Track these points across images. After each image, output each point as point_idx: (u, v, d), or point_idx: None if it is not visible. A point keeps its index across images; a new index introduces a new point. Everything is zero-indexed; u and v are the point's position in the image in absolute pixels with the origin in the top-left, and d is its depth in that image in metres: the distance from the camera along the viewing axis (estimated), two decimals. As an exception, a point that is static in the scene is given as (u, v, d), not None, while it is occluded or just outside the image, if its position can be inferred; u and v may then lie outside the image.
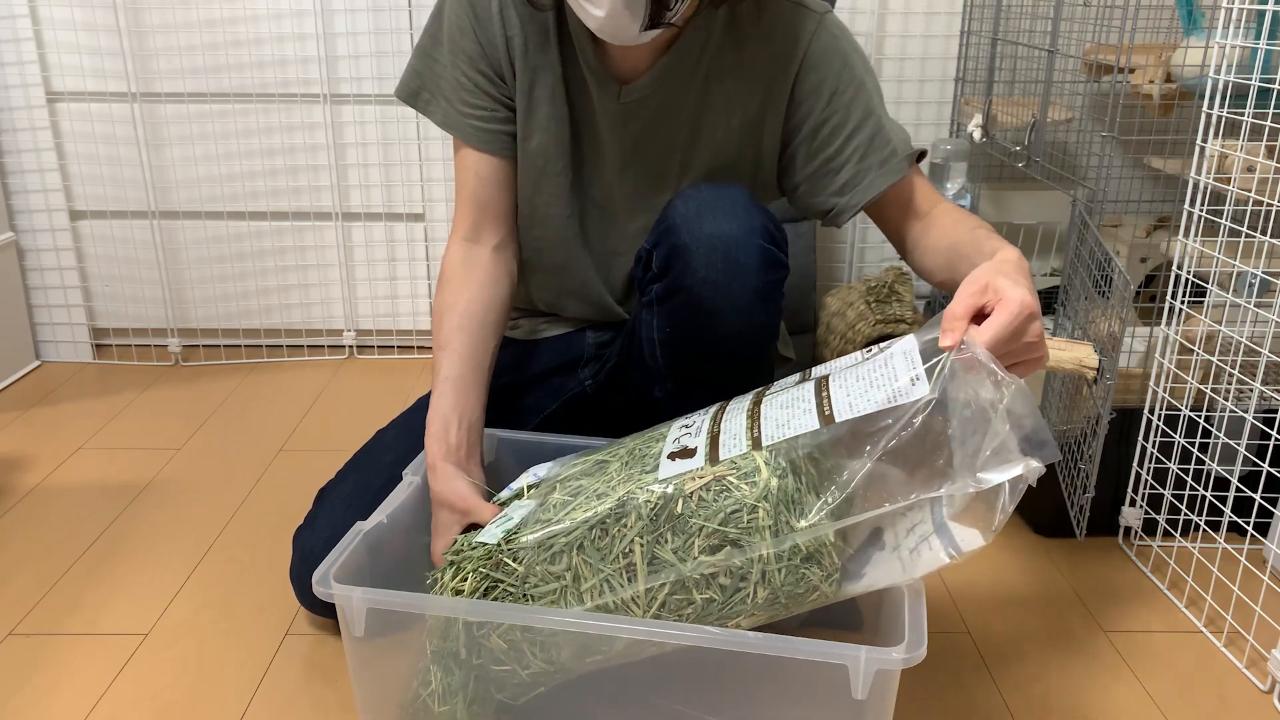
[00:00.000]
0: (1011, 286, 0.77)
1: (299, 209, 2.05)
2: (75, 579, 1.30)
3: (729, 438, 0.84)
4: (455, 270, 1.13)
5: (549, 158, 1.12)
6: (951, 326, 0.77)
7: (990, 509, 0.75)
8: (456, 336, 1.09)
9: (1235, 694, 1.12)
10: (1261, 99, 1.14)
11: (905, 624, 0.79)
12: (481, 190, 1.13)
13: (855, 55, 1.09)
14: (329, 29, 1.94)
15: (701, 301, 1.00)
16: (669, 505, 0.82)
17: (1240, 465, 1.24)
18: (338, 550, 0.90)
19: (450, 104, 1.11)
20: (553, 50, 1.08)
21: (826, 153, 1.09)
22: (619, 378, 1.23)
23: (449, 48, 1.10)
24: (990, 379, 0.74)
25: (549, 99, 1.10)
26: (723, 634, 0.81)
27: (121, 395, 1.90)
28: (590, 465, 0.93)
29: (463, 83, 1.10)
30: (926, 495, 0.77)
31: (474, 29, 1.08)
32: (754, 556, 0.79)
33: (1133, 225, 1.67)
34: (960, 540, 0.76)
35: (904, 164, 1.08)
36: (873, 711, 0.80)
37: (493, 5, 1.07)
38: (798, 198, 1.15)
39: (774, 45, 1.07)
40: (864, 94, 1.08)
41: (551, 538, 0.86)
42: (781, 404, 0.85)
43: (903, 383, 0.77)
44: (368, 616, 0.86)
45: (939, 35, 1.99)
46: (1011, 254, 0.86)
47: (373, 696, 0.93)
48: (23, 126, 1.95)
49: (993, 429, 0.74)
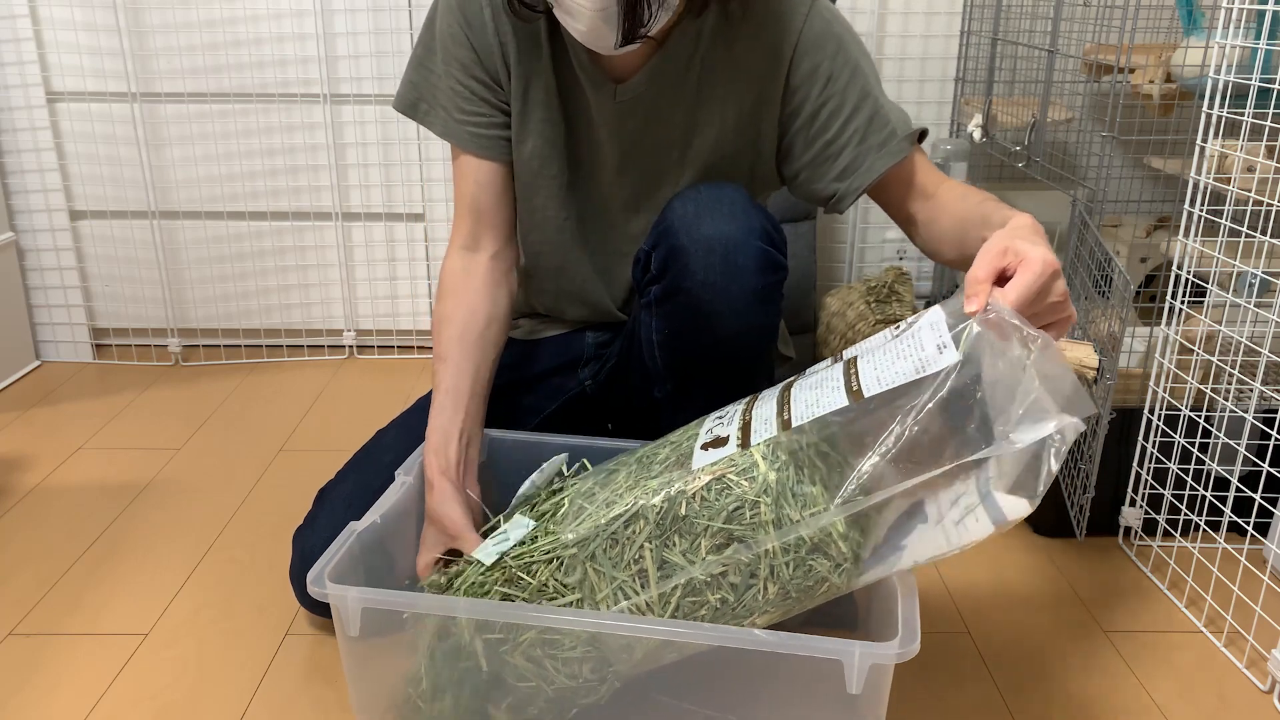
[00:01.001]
0: (1031, 247, 0.75)
1: (299, 209, 2.05)
2: (75, 579, 1.30)
3: (760, 423, 0.83)
4: (455, 280, 1.13)
5: (544, 160, 1.12)
6: (975, 291, 0.75)
7: (1033, 473, 0.72)
8: (455, 348, 1.09)
9: (1235, 694, 1.12)
10: (1261, 99, 1.14)
11: (899, 620, 0.79)
12: (481, 196, 1.13)
13: (849, 37, 1.07)
14: (329, 29, 1.94)
15: (700, 303, 1.00)
16: (673, 508, 0.82)
17: (1240, 465, 1.24)
18: (332, 550, 0.90)
19: (448, 113, 1.11)
20: (544, 54, 1.08)
21: (825, 138, 1.08)
22: (619, 378, 1.23)
23: (442, 56, 1.10)
24: (1017, 337, 0.72)
25: (543, 102, 1.10)
26: (719, 631, 0.81)
27: (121, 395, 1.90)
28: (602, 476, 0.93)
29: (459, 90, 1.10)
30: (959, 463, 0.75)
31: (467, 36, 1.08)
32: (760, 552, 0.79)
33: (1133, 225, 1.67)
34: (1005, 509, 0.74)
35: (904, 144, 1.06)
36: (867, 706, 0.80)
37: (484, 12, 1.07)
38: (799, 185, 1.13)
39: (767, 33, 1.06)
40: (860, 76, 1.06)
41: (563, 549, 0.86)
42: (812, 385, 0.84)
43: (929, 351, 0.76)
44: (362, 616, 0.87)
45: (939, 35, 1.99)
46: (1024, 219, 0.84)
47: (367, 696, 0.93)
48: (23, 126, 1.95)
49: (1023, 388, 0.72)
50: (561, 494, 0.96)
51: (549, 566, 0.87)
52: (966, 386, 0.74)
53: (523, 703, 0.89)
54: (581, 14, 0.90)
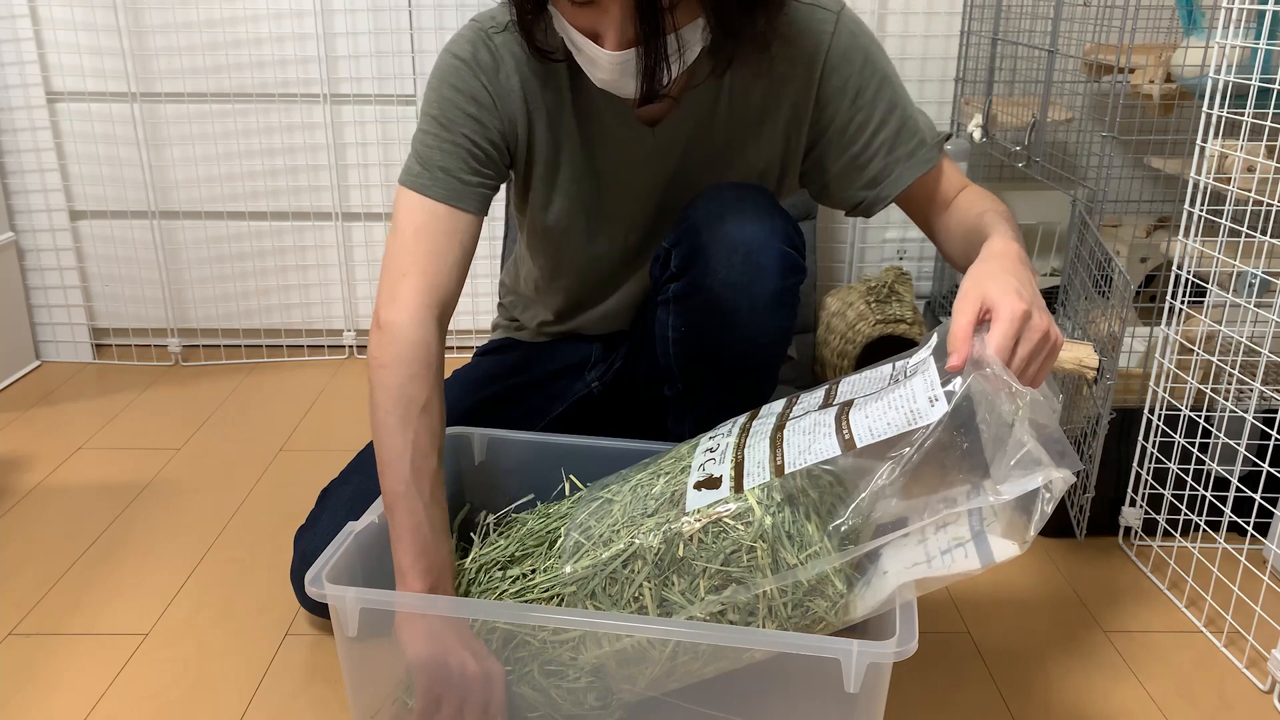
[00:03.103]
0: (1000, 294, 0.78)
1: (299, 209, 2.05)
2: (75, 579, 1.30)
3: (753, 465, 0.85)
4: (417, 352, 0.95)
5: (573, 216, 1.12)
6: (956, 348, 0.77)
7: (1025, 519, 0.75)
8: (428, 440, 0.95)
9: (1235, 694, 1.12)
10: (1261, 99, 1.14)
11: (896, 619, 0.79)
12: (458, 253, 1.00)
13: (875, 49, 1.07)
14: (329, 29, 1.94)
15: (720, 302, 0.99)
16: (671, 549, 0.83)
17: (1240, 465, 1.24)
18: (330, 550, 0.90)
19: (449, 173, 1.01)
20: (569, 112, 1.06)
21: (853, 150, 1.08)
22: (626, 379, 1.23)
23: (455, 117, 1.02)
24: (1005, 391, 0.75)
25: (571, 160, 1.08)
26: (717, 629, 0.81)
27: (121, 395, 1.90)
28: (596, 505, 0.93)
29: (473, 152, 1.02)
30: (948, 512, 0.78)
31: (494, 100, 1.03)
32: (758, 594, 0.81)
33: (1133, 225, 1.67)
34: (995, 550, 0.77)
35: (933, 153, 1.07)
36: (865, 705, 0.80)
37: (513, 79, 1.02)
38: (828, 193, 1.13)
39: (794, 50, 1.05)
40: (888, 87, 1.07)
41: (563, 586, 0.87)
42: (804, 429, 0.85)
43: (921, 404, 0.79)
44: (361, 616, 0.87)
45: (939, 35, 1.99)
46: (997, 245, 0.86)
47: (365, 696, 0.93)
48: (23, 126, 1.95)
49: (1014, 440, 0.75)
50: (555, 519, 0.97)
51: (550, 604, 0.88)
52: (956, 438, 0.77)
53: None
54: (602, 63, 0.90)
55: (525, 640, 0.87)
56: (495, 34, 1.02)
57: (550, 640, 0.86)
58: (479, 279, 2.08)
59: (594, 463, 1.07)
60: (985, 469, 0.77)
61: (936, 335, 0.87)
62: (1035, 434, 0.75)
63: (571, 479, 1.07)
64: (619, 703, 0.88)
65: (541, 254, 1.19)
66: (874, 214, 1.11)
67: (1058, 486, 0.74)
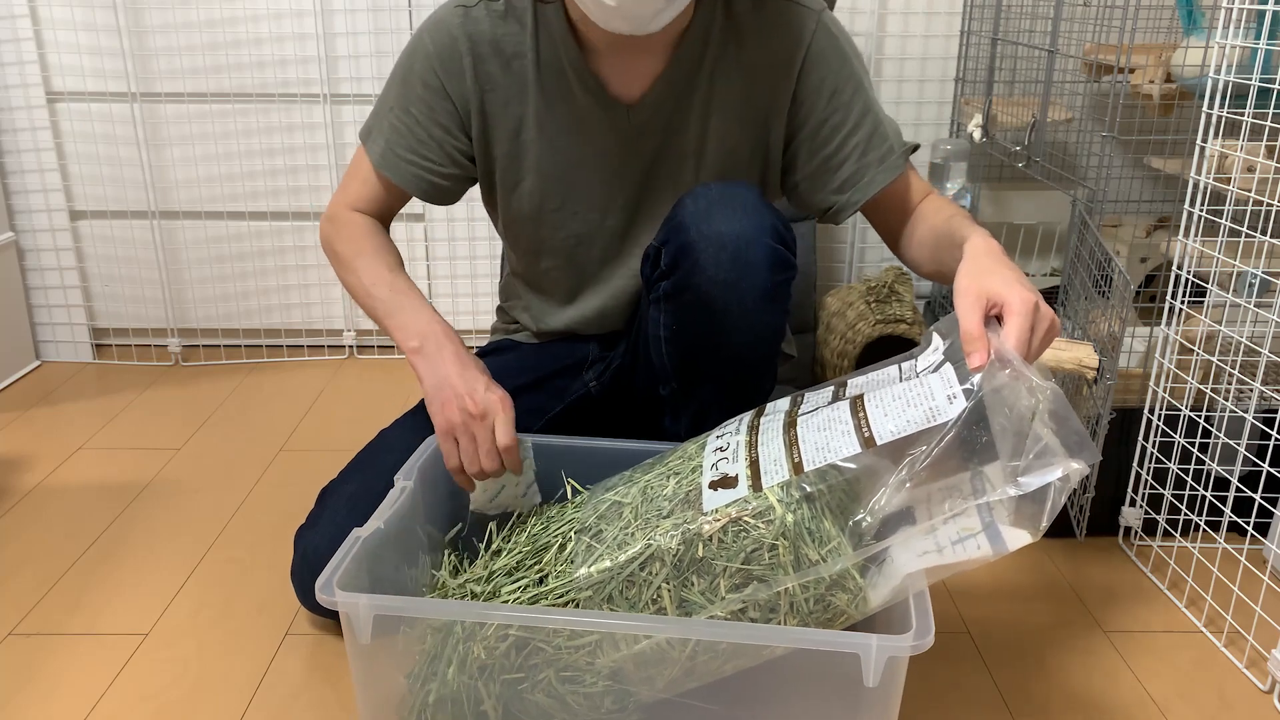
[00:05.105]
0: (1005, 288, 0.79)
1: (299, 209, 2.05)
2: (75, 579, 1.30)
3: (769, 463, 0.84)
4: (355, 218, 1.16)
5: (545, 195, 1.13)
6: (974, 347, 0.78)
7: (1038, 509, 0.76)
8: (384, 245, 1.14)
9: (1235, 694, 1.12)
10: (1261, 99, 1.14)
11: (911, 612, 0.80)
12: (393, 206, 1.19)
13: (852, 52, 1.10)
14: (329, 29, 1.94)
15: (710, 300, 1.00)
16: (690, 550, 0.83)
17: (1240, 465, 1.24)
18: (338, 557, 0.90)
19: (391, 148, 1.14)
20: (533, 94, 1.09)
21: (826, 151, 1.10)
22: (624, 378, 1.23)
23: (411, 98, 1.12)
24: (1025, 386, 0.76)
25: (536, 139, 1.11)
26: (738, 628, 0.81)
27: (121, 395, 1.90)
28: (605, 508, 0.93)
29: (417, 133, 1.12)
30: (969, 504, 0.78)
31: (444, 85, 1.10)
32: (779, 590, 0.81)
33: (1133, 225, 1.68)
34: (1008, 539, 0.77)
35: (901, 161, 1.10)
36: (882, 699, 0.81)
37: (464, 60, 1.08)
38: (798, 195, 1.16)
39: (774, 44, 1.08)
40: (862, 92, 1.09)
41: (578, 591, 0.87)
42: (818, 425, 0.85)
43: (940, 401, 0.79)
44: (374, 624, 0.86)
45: (939, 35, 1.99)
46: (980, 244, 0.87)
47: (376, 703, 0.93)
48: (23, 126, 1.95)
49: (1033, 434, 0.76)
50: (561, 523, 0.96)
51: (565, 609, 0.88)
52: (974, 434, 0.77)
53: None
54: None
55: (539, 647, 0.86)
56: (461, 9, 1.08)
57: (566, 646, 0.85)
58: (479, 279, 2.09)
59: (594, 463, 1.07)
60: (999, 462, 0.77)
61: (937, 334, 0.88)
62: (1055, 426, 0.76)
63: (571, 483, 1.07)
64: (636, 704, 0.88)
65: (521, 239, 1.20)
66: (842, 220, 1.13)
67: (1074, 478, 0.75)
